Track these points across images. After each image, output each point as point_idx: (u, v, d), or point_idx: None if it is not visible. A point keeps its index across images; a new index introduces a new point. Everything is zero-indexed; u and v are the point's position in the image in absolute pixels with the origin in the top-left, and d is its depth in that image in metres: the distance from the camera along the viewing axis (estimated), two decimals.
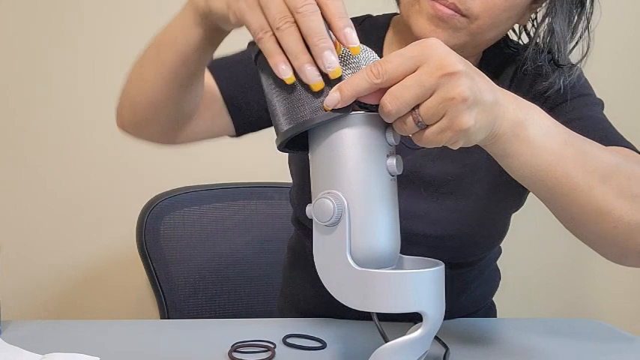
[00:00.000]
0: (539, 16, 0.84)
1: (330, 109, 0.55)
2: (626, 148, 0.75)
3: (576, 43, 0.82)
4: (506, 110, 0.58)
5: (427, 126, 0.55)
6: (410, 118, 0.55)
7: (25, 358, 0.70)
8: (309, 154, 0.60)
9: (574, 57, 0.85)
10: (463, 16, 0.75)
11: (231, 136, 0.93)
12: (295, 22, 0.55)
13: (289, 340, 0.78)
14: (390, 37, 0.91)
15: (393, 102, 0.54)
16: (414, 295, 0.56)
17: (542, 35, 0.82)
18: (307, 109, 0.56)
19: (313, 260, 0.60)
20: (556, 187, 0.62)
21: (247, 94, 0.87)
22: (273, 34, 0.56)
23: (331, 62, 0.54)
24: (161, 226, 1.23)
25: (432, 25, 0.76)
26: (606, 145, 0.71)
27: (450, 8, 0.74)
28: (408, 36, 0.79)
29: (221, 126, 0.89)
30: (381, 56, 0.86)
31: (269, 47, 0.56)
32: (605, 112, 0.86)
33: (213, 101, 0.86)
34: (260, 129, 0.91)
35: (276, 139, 0.59)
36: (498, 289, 1.07)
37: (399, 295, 0.56)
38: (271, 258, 1.28)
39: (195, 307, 1.25)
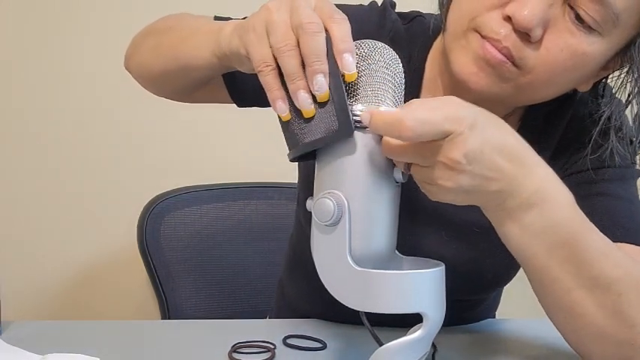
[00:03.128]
0: (621, 92, 0.71)
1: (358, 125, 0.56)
2: None
3: None
4: (511, 197, 0.57)
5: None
6: (402, 164, 0.57)
7: (25, 359, 0.70)
8: (316, 153, 0.60)
9: None
10: (515, 65, 0.64)
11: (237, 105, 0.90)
12: (297, 45, 0.55)
13: (289, 341, 0.78)
14: (436, 49, 0.80)
15: (388, 149, 0.56)
16: (414, 295, 0.56)
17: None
18: (320, 128, 0.56)
19: (312, 259, 0.60)
20: (534, 274, 0.61)
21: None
22: (275, 67, 0.56)
23: (320, 85, 0.54)
24: (161, 226, 1.23)
25: (475, 67, 0.66)
26: (626, 239, 0.67)
27: (502, 52, 0.63)
28: (449, 64, 0.70)
29: (222, 96, 0.87)
30: (421, 69, 0.81)
31: (268, 80, 0.56)
32: None
33: None
34: (261, 106, 0.85)
35: (289, 154, 0.59)
36: None
37: (399, 295, 0.56)
38: (271, 258, 1.28)
39: (195, 307, 1.25)
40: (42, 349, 0.71)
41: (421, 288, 0.56)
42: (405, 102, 0.59)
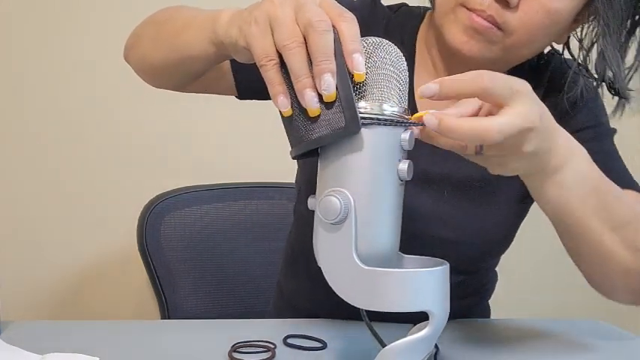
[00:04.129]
0: (587, 39, 0.81)
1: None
2: (637, 193, 0.81)
3: (635, 70, 0.80)
4: (553, 157, 0.62)
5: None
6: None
7: (25, 359, 0.70)
8: (319, 150, 0.59)
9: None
10: (499, 29, 0.74)
11: (237, 97, 0.92)
12: (304, 42, 0.55)
13: (290, 341, 0.78)
14: (423, 29, 0.90)
15: (459, 131, 0.56)
16: (421, 294, 0.56)
17: (592, 60, 0.81)
18: (325, 124, 0.55)
19: (313, 256, 0.59)
20: (572, 227, 0.68)
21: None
22: (278, 62, 0.56)
23: (328, 85, 0.54)
24: (161, 226, 1.23)
25: (465, 36, 0.75)
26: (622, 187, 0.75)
27: (488, 20, 0.73)
28: (442, 38, 0.79)
29: (225, 86, 0.89)
30: (412, 46, 0.89)
31: (270, 75, 0.56)
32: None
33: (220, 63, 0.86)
34: (262, 99, 0.85)
35: (291, 151, 0.58)
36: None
37: (407, 294, 0.55)
38: (272, 258, 1.28)
39: (195, 307, 1.25)
40: (42, 349, 0.71)
41: (428, 286, 0.56)
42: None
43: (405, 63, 0.59)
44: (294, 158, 0.60)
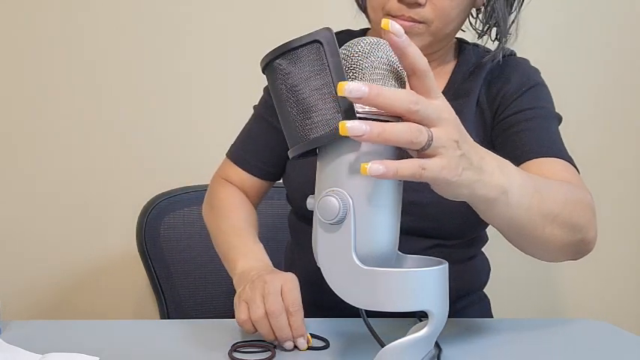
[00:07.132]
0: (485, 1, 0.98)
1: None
2: (567, 165, 0.89)
3: (513, 21, 0.97)
4: (492, 177, 0.62)
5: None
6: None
7: (25, 358, 0.70)
8: (317, 150, 0.59)
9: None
10: (420, 23, 0.89)
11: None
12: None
13: None
14: None
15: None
16: (420, 293, 0.56)
17: (487, 18, 0.99)
18: (322, 125, 0.55)
19: (310, 260, 0.59)
20: (518, 230, 0.72)
21: (266, 158, 1.07)
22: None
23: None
24: (161, 226, 1.23)
25: None
26: (550, 156, 0.89)
27: (409, 21, 0.89)
28: None
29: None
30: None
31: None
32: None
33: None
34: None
35: (290, 151, 0.58)
36: (492, 286, 1.07)
37: (406, 293, 0.55)
38: (271, 258, 1.27)
39: (195, 307, 1.25)
40: (42, 349, 0.71)
41: (427, 286, 0.56)
42: None
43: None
44: (292, 159, 0.60)
